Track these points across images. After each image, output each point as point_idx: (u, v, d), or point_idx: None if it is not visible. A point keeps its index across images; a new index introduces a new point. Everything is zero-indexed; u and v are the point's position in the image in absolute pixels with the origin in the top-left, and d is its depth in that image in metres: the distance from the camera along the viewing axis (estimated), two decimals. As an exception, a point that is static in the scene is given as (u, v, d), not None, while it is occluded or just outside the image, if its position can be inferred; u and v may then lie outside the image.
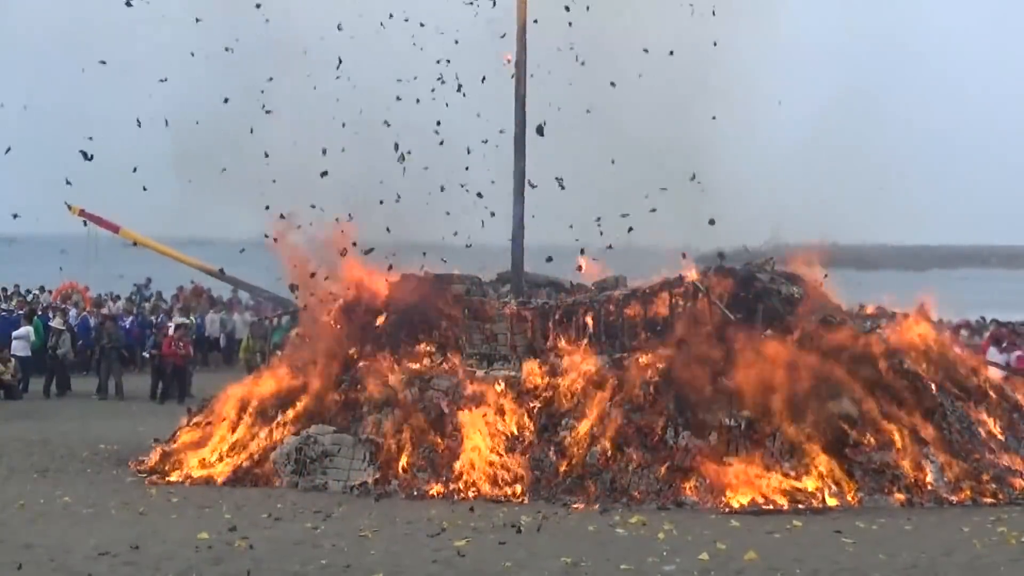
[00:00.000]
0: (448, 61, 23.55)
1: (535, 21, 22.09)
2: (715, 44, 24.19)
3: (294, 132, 24.02)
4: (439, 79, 23.48)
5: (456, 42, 23.73)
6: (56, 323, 33.32)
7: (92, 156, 23.44)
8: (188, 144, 24.09)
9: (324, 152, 23.38)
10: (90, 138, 23.96)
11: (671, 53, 23.71)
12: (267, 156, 23.29)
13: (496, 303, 21.84)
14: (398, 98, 23.94)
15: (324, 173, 23.07)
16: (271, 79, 23.85)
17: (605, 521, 17.30)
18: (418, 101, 23.80)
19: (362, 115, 23.81)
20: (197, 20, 24.32)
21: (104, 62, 24.90)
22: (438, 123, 23.57)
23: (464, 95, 23.71)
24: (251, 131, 23.47)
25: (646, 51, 23.46)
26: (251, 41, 24.32)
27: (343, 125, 23.67)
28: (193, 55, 24.59)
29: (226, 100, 23.78)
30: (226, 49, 24.23)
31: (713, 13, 23.44)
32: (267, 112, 23.92)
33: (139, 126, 24.41)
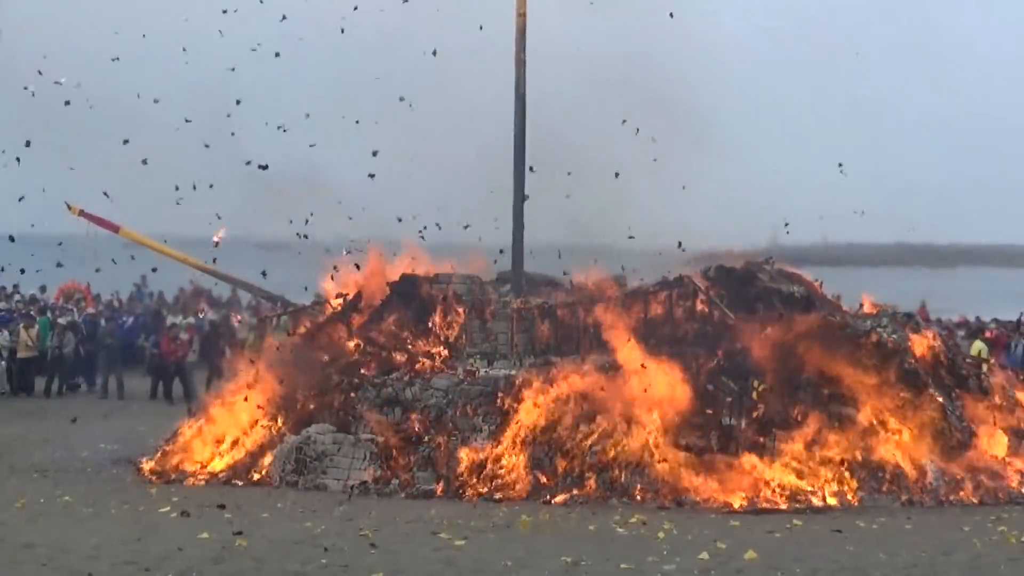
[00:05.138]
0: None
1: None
2: None
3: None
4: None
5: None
6: (62, 321, 33.27)
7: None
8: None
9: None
10: None
11: None
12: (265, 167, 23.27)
13: (497, 302, 21.83)
14: (401, 98, 23.87)
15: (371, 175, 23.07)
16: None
17: (605, 521, 17.30)
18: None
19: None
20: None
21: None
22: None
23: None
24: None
25: None
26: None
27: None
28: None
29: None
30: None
31: None
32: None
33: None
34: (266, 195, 22.93)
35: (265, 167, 22.66)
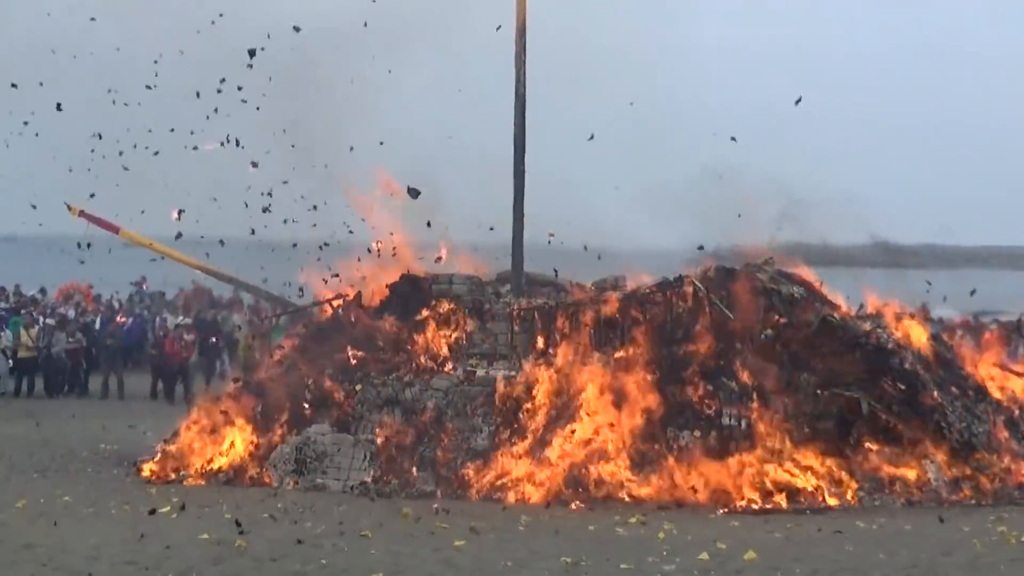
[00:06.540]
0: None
1: None
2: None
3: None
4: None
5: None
6: (51, 321, 33.27)
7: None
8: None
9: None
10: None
11: None
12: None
13: (497, 302, 21.84)
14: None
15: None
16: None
17: (605, 521, 17.31)
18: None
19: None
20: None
21: None
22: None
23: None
24: None
25: None
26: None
27: None
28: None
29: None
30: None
31: None
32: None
33: None
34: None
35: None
